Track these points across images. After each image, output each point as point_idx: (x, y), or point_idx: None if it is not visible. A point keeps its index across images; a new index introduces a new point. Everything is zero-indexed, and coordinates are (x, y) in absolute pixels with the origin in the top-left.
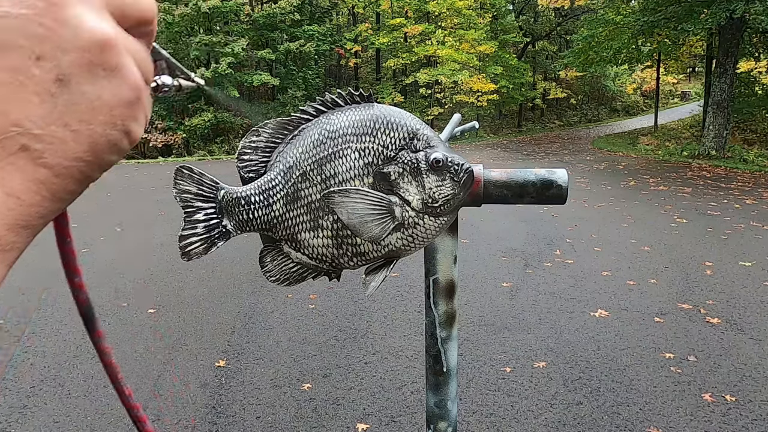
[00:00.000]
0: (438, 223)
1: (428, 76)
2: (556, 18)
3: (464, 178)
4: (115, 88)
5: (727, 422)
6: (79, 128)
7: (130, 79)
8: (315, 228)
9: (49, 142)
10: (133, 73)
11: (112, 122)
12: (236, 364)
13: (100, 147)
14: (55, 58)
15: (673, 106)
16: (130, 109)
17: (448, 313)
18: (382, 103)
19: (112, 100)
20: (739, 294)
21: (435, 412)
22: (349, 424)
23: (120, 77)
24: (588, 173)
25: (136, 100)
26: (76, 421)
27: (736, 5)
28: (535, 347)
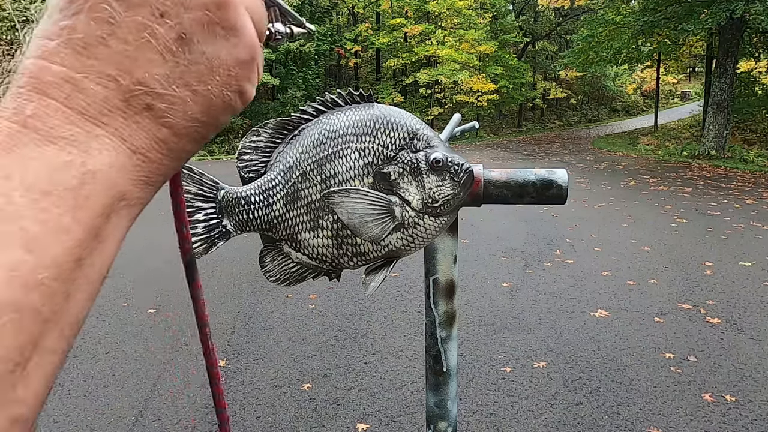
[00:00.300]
0: (438, 223)
1: (428, 76)
2: (556, 18)
3: (464, 178)
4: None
5: (727, 422)
6: (198, 88)
7: (247, 38)
8: (315, 228)
9: (171, 102)
10: (250, 32)
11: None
12: (236, 364)
13: (216, 107)
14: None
15: (673, 106)
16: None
17: (448, 313)
18: (382, 103)
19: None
20: (739, 294)
21: (435, 412)
22: (349, 424)
23: (238, 36)
24: (588, 173)
25: (251, 59)
26: (76, 421)
27: (736, 5)
28: (535, 347)
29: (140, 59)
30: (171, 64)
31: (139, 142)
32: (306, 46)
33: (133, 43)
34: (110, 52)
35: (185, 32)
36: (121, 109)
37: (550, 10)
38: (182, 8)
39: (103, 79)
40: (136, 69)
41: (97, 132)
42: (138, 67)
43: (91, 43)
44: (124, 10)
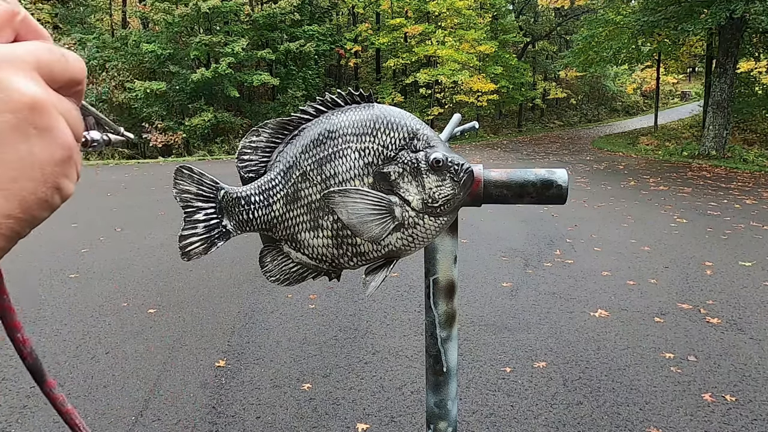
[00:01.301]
0: (438, 223)
1: (428, 76)
2: (556, 18)
3: (464, 178)
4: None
5: (727, 422)
6: (10, 187)
7: (62, 138)
8: (315, 228)
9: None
10: (64, 132)
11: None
12: (236, 364)
13: (31, 204)
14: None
15: (673, 106)
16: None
17: (448, 313)
18: (382, 103)
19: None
20: (739, 294)
21: (435, 412)
22: (349, 424)
23: (51, 137)
24: (588, 173)
25: (67, 158)
26: None
27: (736, 5)
28: (535, 347)
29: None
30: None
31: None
32: (306, 46)
33: None
34: None
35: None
36: None
37: (550, 10)
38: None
39: None
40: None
41: None
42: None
43: None
44: None
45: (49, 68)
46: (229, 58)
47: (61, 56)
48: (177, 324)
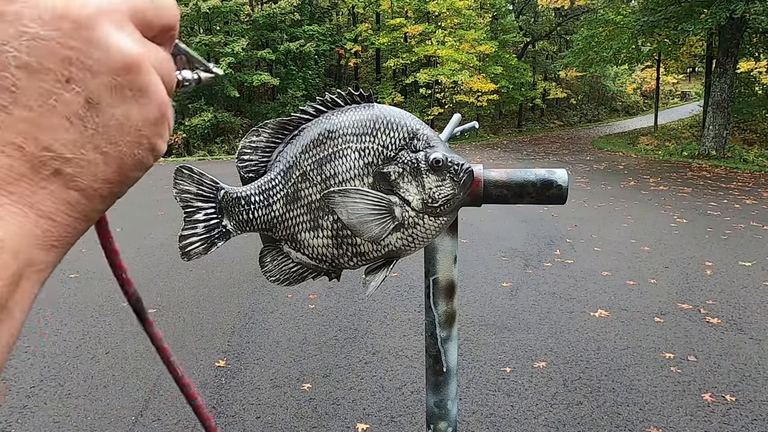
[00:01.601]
0: (438, 223)
1: (428, 76)
2: (556, 18)
3: (464, 178)
4: (143, 107)
5: (727, 422)
6: (108, 150)
7: (157, 97)
8: (315, 228)
9: (79, 166)
10: (159, 90)
11: (139, 141)
12: (236, 364)
13: (128, 166)
14: (84, 80)
15: (673, 106)
16: (156, 126)
17: (448, 313)
18: (382, 103)
19: (140, 120)
20: (739, 294)
21: (435, 412)
22: (349, 424)
23: (147, 96)
24: (588, 173)
25: (161, 117)
26: (76, 421)
27: (736, 5)
28: (535, 347)
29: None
30: (79, 129)
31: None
32: (306, 46)
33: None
34: (13, 119)
35: (93, 97)
36: (28, 176)
37: (550, 10)
38: (89, 73)
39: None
40: (42, 135)
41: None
42: (44, 133)
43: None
44: (26, 77)
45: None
46: (229, 58)
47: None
48: (177, 324)
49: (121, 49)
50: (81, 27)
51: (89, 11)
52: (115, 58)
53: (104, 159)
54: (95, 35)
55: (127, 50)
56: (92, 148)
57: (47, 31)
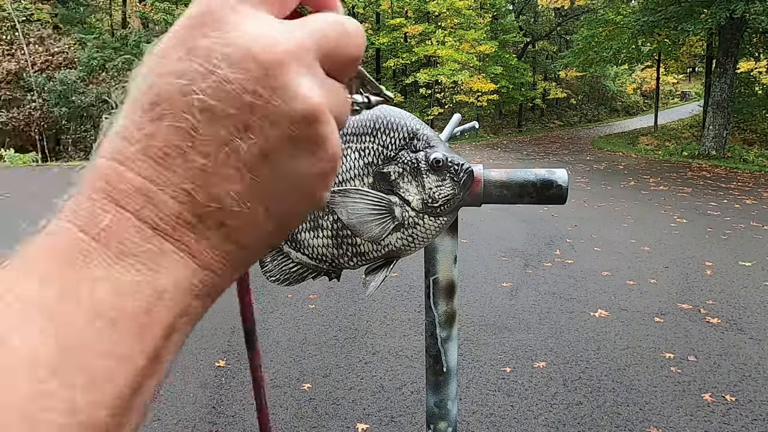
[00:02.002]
0: (438, 223)
1: (428, 76)
2: (556, 18)
3: (464, 178)
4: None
5: (727, 422)
6: (272, 205)
7: (332, 149)
8: (315, 228)
9: (243, 220)
10: (334, 144)
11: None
12: (236, 364)
13: (289, 221)
14: (262, 130)
15: (673, 106)
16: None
17: (448, 313)
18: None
19: (310, 174)
20: (739, 294)
21: (435, 412)
22: (349, 424)
23: (323, 150)
24: (588, 173)
25: (331, 170)
26: None
27: (736, 5)
28: (535, 347)
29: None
30: (249, 182)
31: (207, 258)
32: None
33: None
34: (188, 165)
35: (269, 149)
36: (193, 224)
37: (550, 10)
38: (268, 123)
39: (178, 193)
40: (213, 185)
41: (167, 248)
42: (215, 183)
43: (170, 154)
44: (207, 121)
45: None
46: None
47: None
48: None
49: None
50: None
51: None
52: (297, 108)
53: (266, 213)
54: (280, 82)
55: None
56: (258, 202)
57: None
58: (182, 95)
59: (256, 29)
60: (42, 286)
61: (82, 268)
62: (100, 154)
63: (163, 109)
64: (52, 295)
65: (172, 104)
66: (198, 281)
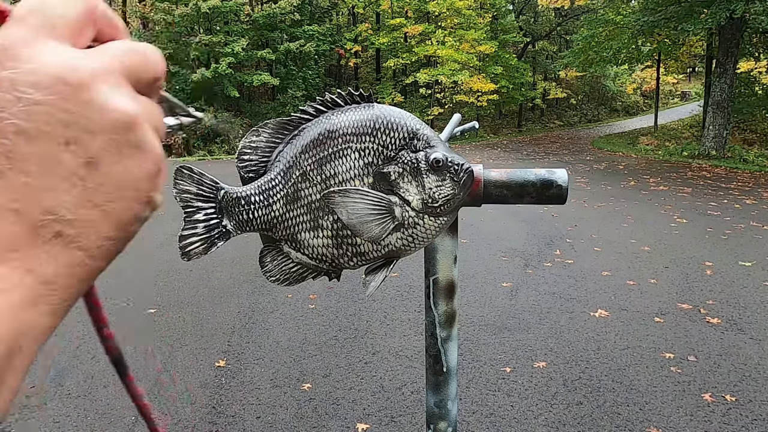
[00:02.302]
0: (438, 223)
1: (428, 76)
2: (556, 18)
3: (464, 178)
4: (141, 163)
5: (727, 422)
6: (107, 207)
7: (154, 152)
8: (315, 228)
9: (81, 226)
10: (155, 146)
11: (137, 197)
12: (236, 364)
13: (127, 222)
14: (83, 142)
15: (673, 106)
16: (154, 180)
17: (448, 313)
18: (382, 103)
19: (138, 175)
20: (739, 294)
21: (435, 412)
22: (349, 424)
23: (145, 152)
24: (588, 173)
25: (158, 171)
26: (76, 421)
27: (736, 5)
28: (535, 347)
29: (45, 189)
30: (79, 189)
31: (48, 271)
32: (306, 46)
33: (36, 174)
34: (10, 185)
35: (92, 156)
36: (28, 240)
37: (550, 10)
38: (88, 134)
39: (4, 213)
40: (42, 199)
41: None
42: (44, 196)
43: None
44: (24, 143)
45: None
46: (229, 58)
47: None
48: (177, 324)
49: (118, 108)
50: (77, 90)
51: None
52: (112, 118)
53: (104, 216)
54: (92, 96)
55: (123, 109)
56: (92, 207)
57: (43, 96)
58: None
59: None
60: None
61: None
62: None
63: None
64: None
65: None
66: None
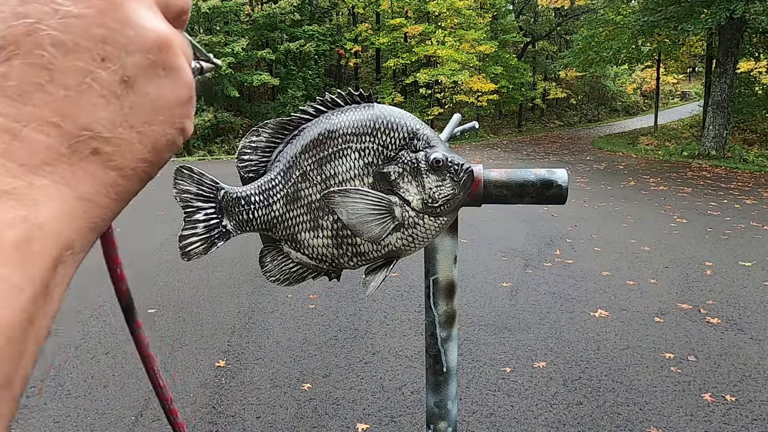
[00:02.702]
0: (438, 223)
1: (428, 76)
2: (556, 18)
3: (464, 178)
4: (174, 87)
5: (727, 422)
6: (143, 129)
7: (186, 77)
8: (315, 228)
9: (117, 145)
10: (187, 71)
11: (171, 121)
12: (236, 364)
13: (161, 146)
14: (119, 59)
15: (673, 106)
16: (185, 107)
17: (448, 313)
18: (382, 103)
19: (171, 99)
20: (739, 294)
21: (435, 412)
22: (349, 424)
23: (177, 76)
24: (588, 173)
25: (189, 98)
26: (76, 421)
27: (736, 5)
28: (535, 347)
29: (83, 104)
30: (115, 107)
31: (85, 188)
32: (306, 46)
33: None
34: (50, 98)
35: (128, 75)
36: (66, 155)
37: (550, 10)
38: (124, 52)
39: (44, 127)
40: (80, 114)
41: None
42: (81, 112)
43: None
44: (62, 55)
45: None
46: (229, 58)
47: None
48: (177, 324)
49: (154, 28)
50: (114, 6)
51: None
52: (148, 37)
53: (139, 138)
54: (128, 14)
55: (159, 29)
56: (128, 127)
57: (80, 9)
58: (28, 34)
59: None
60: None
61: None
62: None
63: (9, 52)
64: None
65: (18, 45)
66: (79, 213)
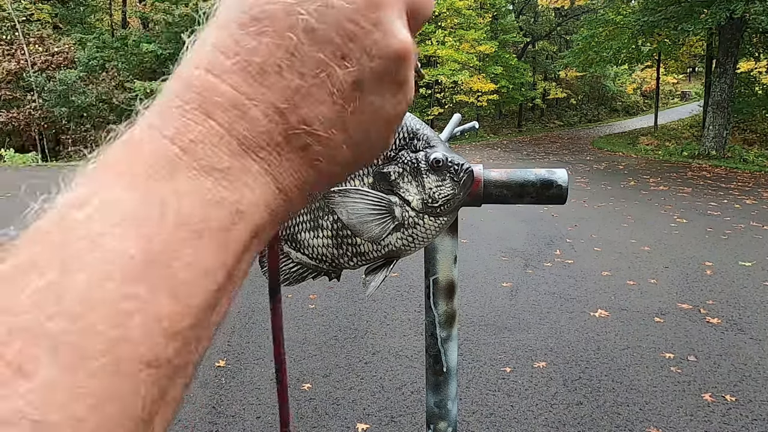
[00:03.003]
0: (438, 223)
1: (428, 76)
2: (556, 18)
3: (464, 178)
4: (397, 101)
5: (727, 422)
6: (355, 136)
7: (410, 93)
8: (315, 228)
9: (326, 145)
10: (412, 87)
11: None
12: (236, 364)
13: (363, 156)
14: (359, 61)
15: (673, 106)
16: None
17: (448, 313)
18: None
19: (391, 113)
20: (739, 294)
21: (435, 412)
22: (349, 424)
23: (404, 90)
24: (588, 173)
25: (402, 114)
26: None
27: (736, 5)
28: (535, 347)
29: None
30: (338, 108)
31: (286, 181)
32: None
33: (308, 80)
34: (284, 83)
35: (361, 79)
36: (280, 145)
37: (550, 10)
38: (366, 55)
39: (270, 111)
40: (304, 106)
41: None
42: (307, 105)
43: (267, 71)
44: (308, 43)
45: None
46: None
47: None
48: None
49: (401, 36)
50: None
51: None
52: (392, 44)
53: (347, 143)
54: (380, 18)
55: (405, 39)
56: (342, 131)
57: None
58: (286, 14)
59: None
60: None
61: (167, 179)
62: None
63: (264, 26)
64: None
65: (274, 22)
66: (274, 205)
